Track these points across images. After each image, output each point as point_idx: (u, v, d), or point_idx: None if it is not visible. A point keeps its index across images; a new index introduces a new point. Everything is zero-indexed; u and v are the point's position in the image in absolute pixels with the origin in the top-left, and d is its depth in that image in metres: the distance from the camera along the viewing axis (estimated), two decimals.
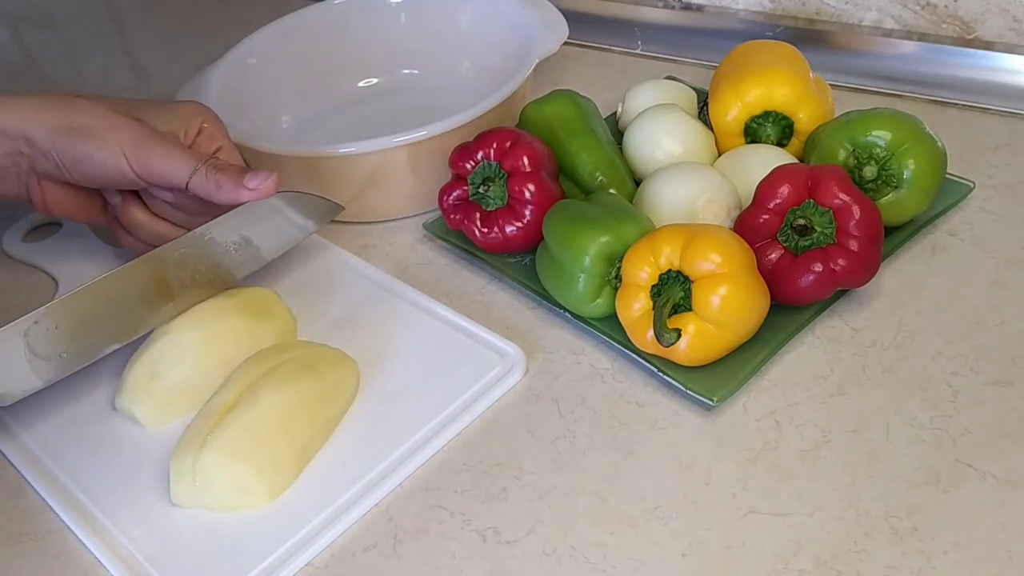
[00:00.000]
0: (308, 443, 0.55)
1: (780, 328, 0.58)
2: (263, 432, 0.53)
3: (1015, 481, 0.49)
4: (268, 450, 0.53)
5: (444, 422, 0.57)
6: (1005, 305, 0.59)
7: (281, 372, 0.56)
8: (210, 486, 0.53)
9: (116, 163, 0.59)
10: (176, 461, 0.53)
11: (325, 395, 0.56)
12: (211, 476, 0.52)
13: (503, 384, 0.58)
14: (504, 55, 0.79)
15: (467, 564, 0.50)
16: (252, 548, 0.51)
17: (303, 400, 0.55)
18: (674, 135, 0.67)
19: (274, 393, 0.54)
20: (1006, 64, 0.77)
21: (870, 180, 0.61)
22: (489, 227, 0.65)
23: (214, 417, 0.54)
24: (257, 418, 0.53)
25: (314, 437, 0.56)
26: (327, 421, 0.57)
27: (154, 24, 1.17)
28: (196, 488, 0.53)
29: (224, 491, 0.53)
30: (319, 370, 0.57)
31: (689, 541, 0.49)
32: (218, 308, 0.60)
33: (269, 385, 0.55)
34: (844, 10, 0.84)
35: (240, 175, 0.60)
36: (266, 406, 0.54)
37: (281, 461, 0.54)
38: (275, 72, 0.84)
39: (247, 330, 0.60)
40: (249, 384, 0.55)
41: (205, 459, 0.52)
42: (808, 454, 0.52)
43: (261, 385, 0.55)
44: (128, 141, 0.59)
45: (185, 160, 0.60)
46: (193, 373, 0.58)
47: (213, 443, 0.52)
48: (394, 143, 0.68)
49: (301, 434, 0.55)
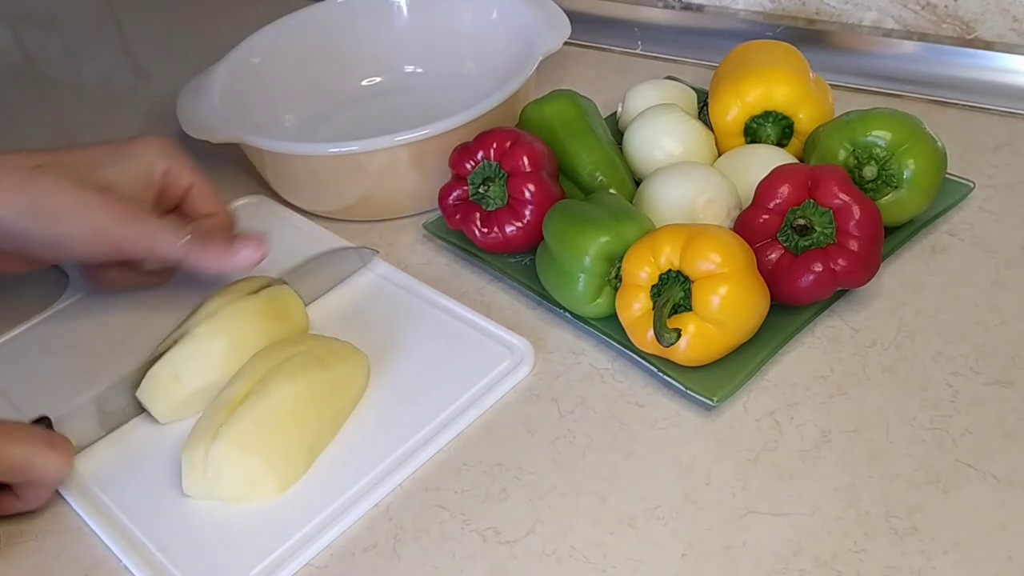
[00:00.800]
0: (317, 436, 0.55)
1: (780, 328, 0.58)
2: (274, 425, 0.54)
3: (1015, 481, 0.49)
4: (278, 443, 0.53)
5: (453, 415, 0.57)
6: (1005, 305, 0.59)
7: (292, 365, 0.56)
8: (221, 478, 0.53)
9: (92, 246, 0.58)
10: (188, 453, 0.54)
11: (335, 388, 0.57)
12: (222, 468, 0.53)
13: (512, 378, 0.58)
14: (506, 54, 0.79)
15: (467, 564, 0.50)
16: (261, 541, 0.52)
17: (313, 393, 0.55)
18: (674, 135, 0.67)
19: (285, 386, 0.54)
20: (1006, 64, 0.77)
21: (870, 180, 0.61)
22: (489, 227, 0.65)
23: (225, 410, 0.54)
24: (268, 411, 0.54)
25: (323, 430, 0.56)
26: (336, 414, 0.57)
27: (154, 24, 1.17)
28: (208, 480, 0.53)
29: (235, 483, 0.53)
30: (329, 363, 0.57)
31: (689, 541, 0.49)
32: (244, 313, 0.60)
33: (280, 378, 0.55)
34: (844, 10, 0.84)
35: (227, 245, 0.60)
36: (276, 399, 0.54)
37: (291, 454, 0.54)
38: (278, 71, 0.84)
39: (270, 335, 0.60)
40: (261, 377, 0.55)
41: (217, 451, 0.53)
42: (808, 454, 0.52)
43: (272, 378, 0.55)
44: (103, 223, 0.57)
45: (168, 235, 0.59)
46: (216, 380, 0.58)
47: (225, 435, 0.53)
48: (396, 142, 0.68)
49: (311, 427, 0.55)
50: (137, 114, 0.96)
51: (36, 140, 0.95)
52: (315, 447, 0.55)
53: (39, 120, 1.00)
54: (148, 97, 1.00)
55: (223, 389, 0.56)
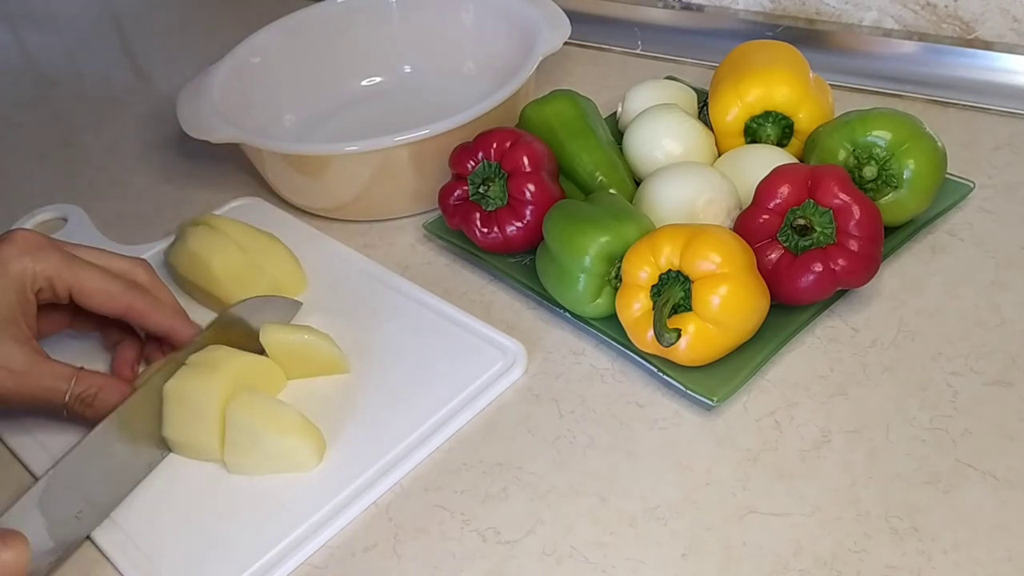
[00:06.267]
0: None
1: (780, 328, 0.58)
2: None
3: (1015, 481, 0.49)
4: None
5: (446, 417, 0.57)
6: (1005, 305, 0.59)
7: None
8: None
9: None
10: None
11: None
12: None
13: (505, 379, 0.59)
14: (506, 54, 0.79)
15: (467, 564, 0.50)
16: (258, 538, 0.52)
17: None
18: (674, 135, 0.67)
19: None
20: (1006, 64, 0.77)
21: (870, 180, 0.61)
22: (489, 227, 0.65)
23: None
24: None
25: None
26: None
27: (154, 24, 1.17)
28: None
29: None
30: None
31: (689, 541, 0.49)
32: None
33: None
34: (844, 10, 0.84)
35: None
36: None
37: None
38: (278, 71, 0.84)
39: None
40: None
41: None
42: (808, 454, 0.52)
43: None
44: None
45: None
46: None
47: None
48: (396, 142, 0.68)
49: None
50: (137, 114, 0.96)
51: (36, 140, 0.95)
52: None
53: (39, 120, 1.00)
54: (148, 97, 1.00)
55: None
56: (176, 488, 0.56)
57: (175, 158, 0.87)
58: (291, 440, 0.54)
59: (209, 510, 0.54)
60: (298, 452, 0.55)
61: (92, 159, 0.91)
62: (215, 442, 0.55)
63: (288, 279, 0.67)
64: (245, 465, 0.55)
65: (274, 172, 0.75)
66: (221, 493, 0.55)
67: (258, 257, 0.66)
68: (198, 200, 0.80)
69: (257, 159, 0.75)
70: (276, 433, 0.54)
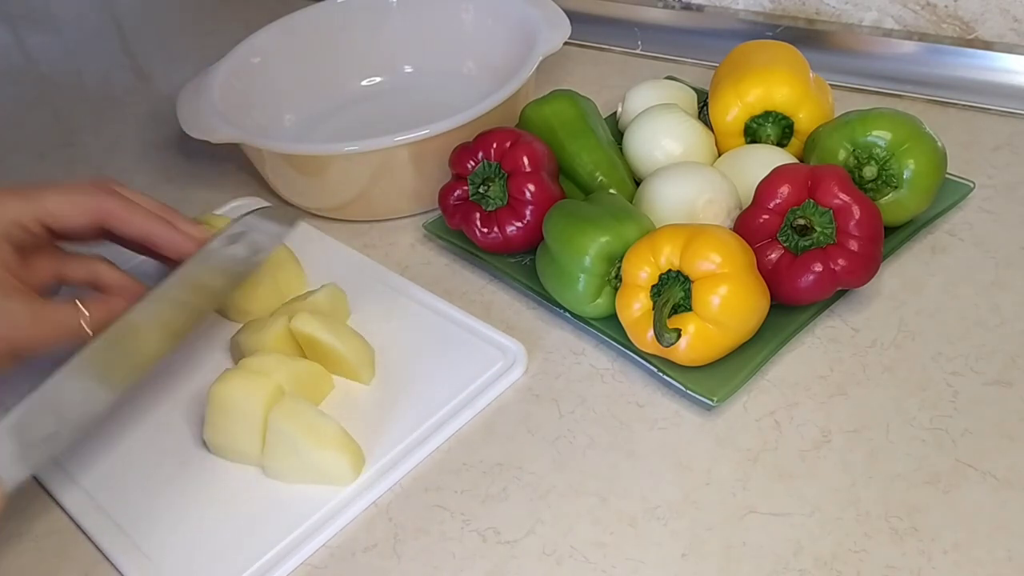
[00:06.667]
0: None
1: (780, 328, 0.58)
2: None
3: (1015, 481, 0.49)
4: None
5: (446, 417, 0.57)
6: (1005, 305, 0.59)
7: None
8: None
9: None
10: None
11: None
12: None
13: (505, 379, 0.59)
14: (507, 54, 0.79)
15: (467, 564, 0.50)
16: (256, 538, 0.52)
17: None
18: (674, 135, 0.67)
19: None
20: (1006, 64, 0.77)
21: (870, 180, 0.61)
22: (489, 227, 0.65)
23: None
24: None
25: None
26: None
27: (154, 24, 1.17)
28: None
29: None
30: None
31: (689, 541, 0.49)
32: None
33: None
34: (844, 10, 0.84)
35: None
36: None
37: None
38: (278, 71, 0.84)
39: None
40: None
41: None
42: (808, 454, 0.52)
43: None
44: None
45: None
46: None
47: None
48: (396, 142, 0.68)
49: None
50: (137, 114, 0.96)
51: (36, 140, 0.95)
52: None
53: (39, 120, 1.00)
54: (148, 97, 1.00)
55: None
56: (175, 488, 0.55)
57: (175, 158, 0.87)
58: (330, 453, 0.53)
59: (209, 510, 0.54)
60: (336, 466, 0.54)
61: (92, 159, 0.91)
62: (256, 447, 0.55)
63: (288, 279, 0.67)
64: (283, 472, 0.55)
65: (274, 172, 0.75)
66: (221, 494, 0.55)
67: None
68: (198, 200, 0.80)
69: (257, 159, 0.75)
70: (315, 446, 0.53)
